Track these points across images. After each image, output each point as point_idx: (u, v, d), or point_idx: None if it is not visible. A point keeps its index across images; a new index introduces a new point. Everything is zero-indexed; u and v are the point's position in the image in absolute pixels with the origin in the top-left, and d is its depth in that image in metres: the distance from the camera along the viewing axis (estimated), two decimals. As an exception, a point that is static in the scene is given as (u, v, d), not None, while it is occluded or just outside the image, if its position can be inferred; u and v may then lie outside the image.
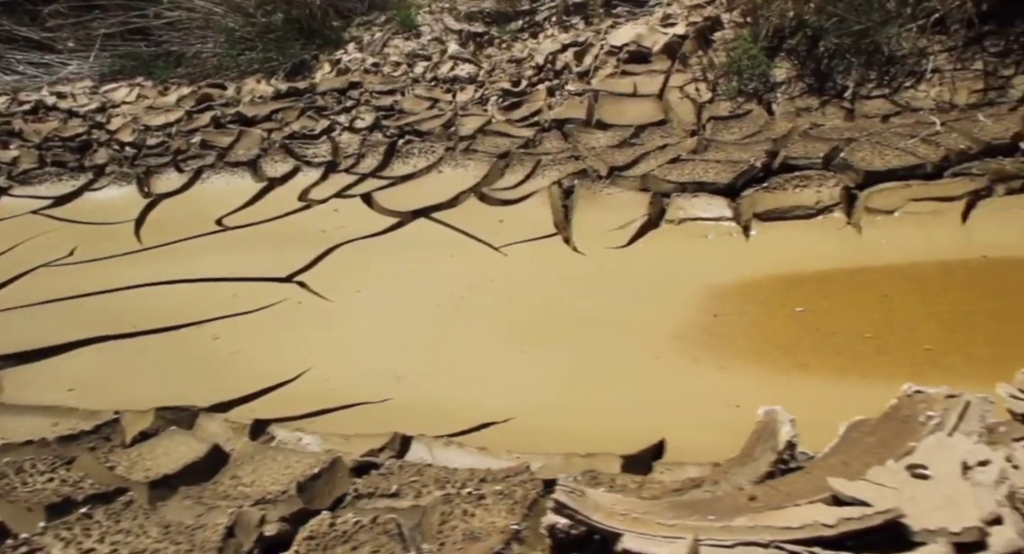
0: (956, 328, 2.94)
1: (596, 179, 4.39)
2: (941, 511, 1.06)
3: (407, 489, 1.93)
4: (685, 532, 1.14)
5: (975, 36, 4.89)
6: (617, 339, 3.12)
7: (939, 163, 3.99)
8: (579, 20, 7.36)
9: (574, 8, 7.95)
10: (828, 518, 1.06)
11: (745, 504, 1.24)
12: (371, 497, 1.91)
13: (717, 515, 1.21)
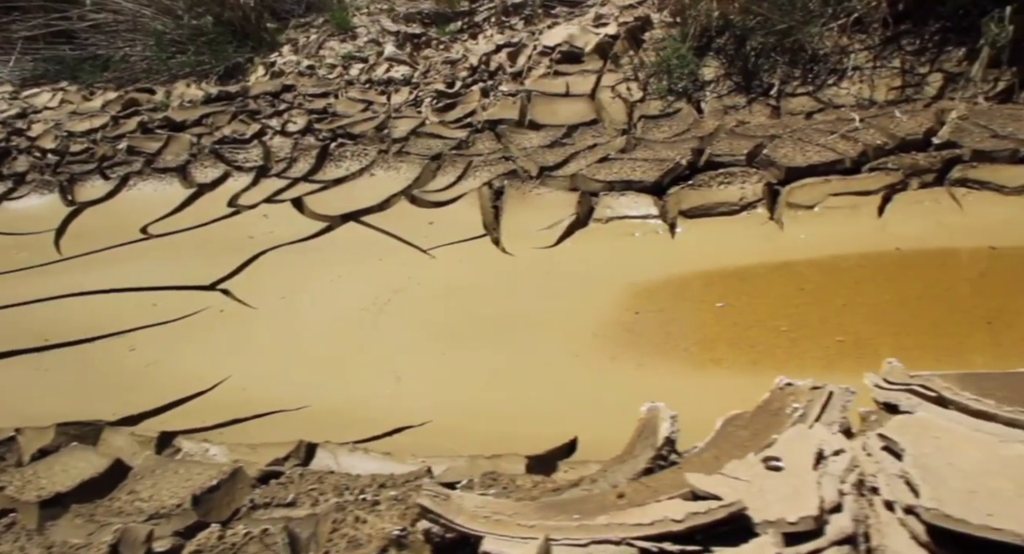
0: (867, 319, 3.01)
1: (526, 179, 4.39)
2: (786, 502, 1.07)
3: (305, 498, 1.88)
4: (543, 533, 1.13)
5: (893, 35, 5.04)
6: (539, 339, 3.12)
7: (857, 158, 4.09)
8: (518, 21, 7.38)
9: (513, 9, 7.97)
10: (677, 514, 1.07)
11: (612, 502, 1.24)
12: (267, 507, 1.86)
13: (582, 514, 1.21)
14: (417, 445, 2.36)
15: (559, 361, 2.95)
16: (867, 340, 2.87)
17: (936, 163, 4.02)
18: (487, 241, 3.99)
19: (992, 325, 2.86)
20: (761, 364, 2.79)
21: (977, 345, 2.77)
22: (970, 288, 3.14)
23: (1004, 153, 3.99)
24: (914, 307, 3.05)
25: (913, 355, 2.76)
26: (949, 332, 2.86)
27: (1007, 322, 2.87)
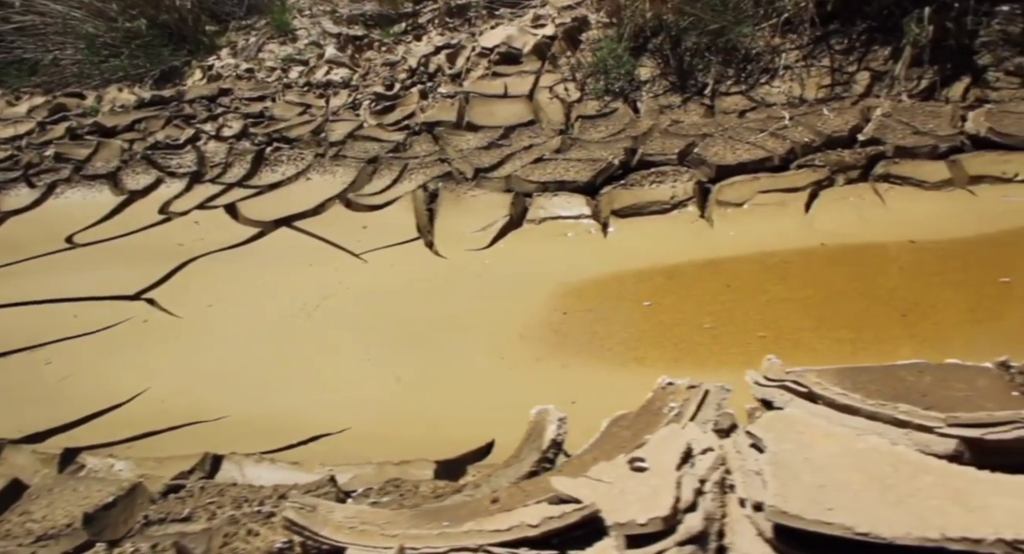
0: (790, 315, 3.05)
1: (461, 181, 4.37)
2: (642, 503, 1.07)
3: (201, 512, 1.83)
4: (406, 541, 1.10)
5: (822, 35, 5.14)
6: (465, 341, 3.10)
7: (785, 156, 4.15)
8: (462, 22, 7.35)
9: (456, 10, 7.94)
10: (534, 519, 1.05)
11: (485, 508, 1.22)
12: (162, 523, 1.80)
13: (452, 521, 1.18)
14: (331, 453, 2.32)
15: (484, 364, 2.93)
16: (788, 335, 2.91)
17: (861, 159, 4.10)
18: (420, 244, 3.95)
19: (907, 317, 2.92)
20: (683, 361, 2.81)
21: (893, 337, 2.83)
22: (889, 282, 3.20)
23: (925, 149, 4.09)
24: (836, 301, 3.11)
25: (831, 348, 2.81)
26: (867, 325, 2.92)
27: (922, 314, 2.94)
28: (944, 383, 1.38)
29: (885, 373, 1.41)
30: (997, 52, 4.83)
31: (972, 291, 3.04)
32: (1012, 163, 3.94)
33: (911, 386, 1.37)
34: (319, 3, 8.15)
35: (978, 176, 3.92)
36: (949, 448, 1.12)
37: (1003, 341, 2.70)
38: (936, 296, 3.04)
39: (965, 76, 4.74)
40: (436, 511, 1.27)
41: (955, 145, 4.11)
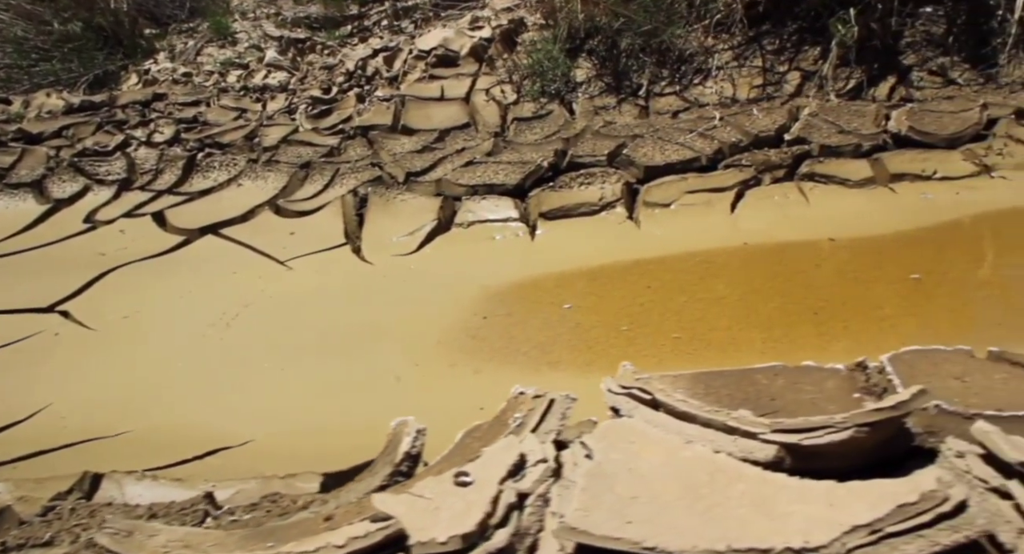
0: (705, 315, 3.05)
1: (392, 186, 4.32)
2: (453, 520, 1.04)
3: (65, 535, 1.76)
4: (220, 566, 1.06)
5: (754, 35, 5.18)
6: (382, 348, 3.05)
7: (713, 156, 4.18)
8: (408, 24, 7.30)
9: (403, 12, 7.88)
10: (340, 539, 1.02)
11: (316, 526, 1.18)
12: (20, 549, 1.73)
13: (278, 541, 1.14)
14: (225, 467, 2.26)
15: (398, 370, 2.89)
16: (701, 335, 2.91)
17: (787, 159, 4.14)
18: (347, 250, 3.90)
19: (818, 315, 2.94)
20: (595, 365, 2.79)
21: (801, 336, 2.84)
22: (805, 280, 3.23)
23: (849, 148, 4.15)
24: (751, 301, 3.12)
25: (742, 348, 2.82)
26: (779, 324, 2.93)
27: (832, 312, 2.96)
28: (795, 386, 1.37)
29: (741, 377, 1.41)
30: (921, 52, 4.92)
31: (883, 288, 3.08)
32: (931, 161, 4.01)
33: (763, 390, 1.37)
34: (262, 6, 8.04)
35: (899, 174, 3.99)
36: (770, 454, 1.11)
37: (907, 338, 2.72)
38: (847, 294, 3.07)
39: (891, 76, 4.81)
40: (269, 531, 1.22)
41: (878, 144, 4.17)
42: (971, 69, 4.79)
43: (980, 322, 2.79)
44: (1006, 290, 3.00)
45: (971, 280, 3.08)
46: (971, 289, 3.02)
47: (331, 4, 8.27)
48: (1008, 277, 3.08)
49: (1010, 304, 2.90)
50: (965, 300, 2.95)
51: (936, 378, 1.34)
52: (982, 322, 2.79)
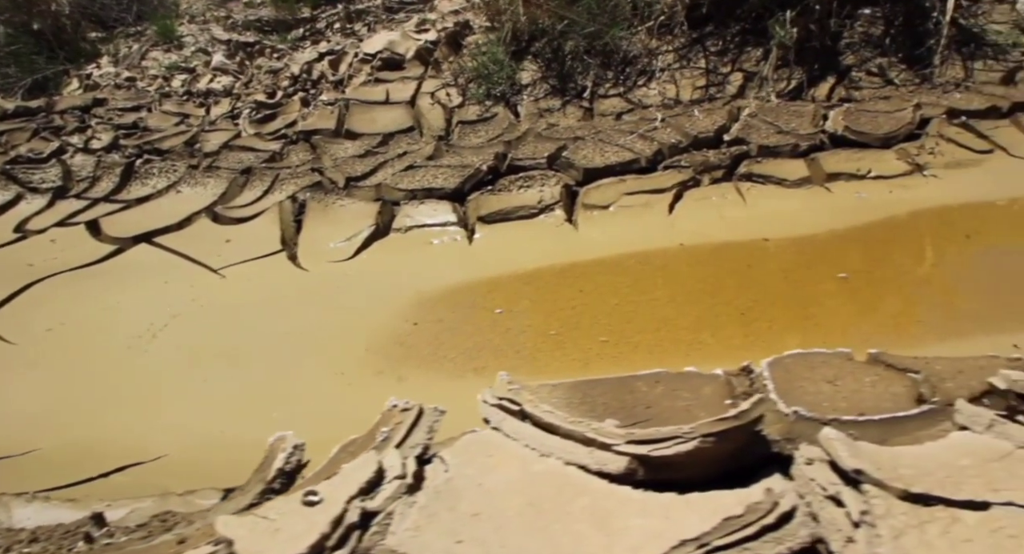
0: (635, 318, 3.04)
1: (331, 191, 4.26)
2: (291, 542, 1.00)
3: (-62, 565, 1.69)
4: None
5: (698, 37, 5.21)
6: (309, 357, 3.00)
7: (653, 157, 4.18)
8: (361, 27, 7.24)
9: (356, 15, 7.82)
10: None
11: (169, 549, 1.14)
12: None
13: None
14: (130, 484, 2.19)
15: (323, 380, 2.84)
16: (628, 338, 2.90)
17: (726, 159, 4.16)
18: (283, 257, 3.83)
19: (745, 315, 2.95)
20: (521, 370, 2.76)
21: (728, 336, 2.85)
22: (737, 281, 3.24)
23: (786, 148, 4.18)
24: (682, 302, 3.12)
25: (668, 350, 2.81)
26: (707, 325, 2.93)
27: (759, 312, 2.97)
28: (673, 393, 1.36)
29: (621, 385, 1.39)
30: (860, 53, 4.98)
31: (811, 288, 3.09)
32: (866, 160, 4.06)
33: (640, 397, 1.35)
34: (212, 9, 7.92)
35: (835, 173, 4.02)
36: (622, 466, 1.09)
37: (829, 337, 2.74)
38: (777, 293, 3.08)
39: (831, 76, 4.87)
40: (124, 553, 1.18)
41: (815, 144, 4.21)
42: (908, 69, 4.87)
43: (901, 320, 2.81)
44: (929, 287, 3.04)
45: (896, 278, 3.11)
46: (895, 287, 3.05)
47: (283, 7, 8.17)
48: (931, 275, 3.12)
49: (932, 301, 2.93)
50: (888, 298, 2.98)
51: (810, 382, 1.33)
52: (903, 319, 2.81)
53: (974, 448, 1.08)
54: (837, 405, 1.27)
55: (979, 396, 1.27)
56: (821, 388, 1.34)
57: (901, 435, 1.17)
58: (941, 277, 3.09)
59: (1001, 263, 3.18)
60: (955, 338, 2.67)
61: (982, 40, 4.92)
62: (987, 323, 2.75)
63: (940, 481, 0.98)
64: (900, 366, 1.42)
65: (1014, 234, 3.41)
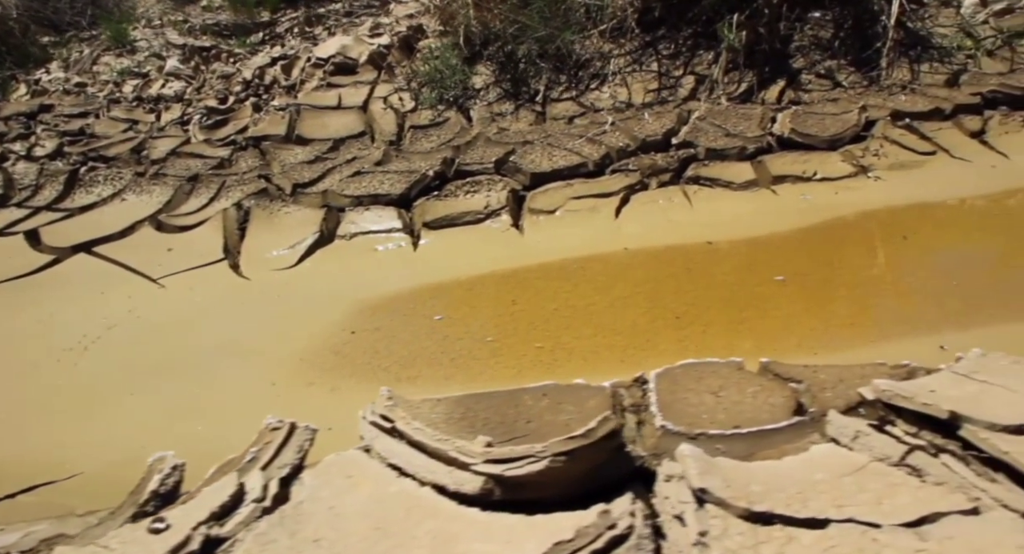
0: (572, 324, 3.02)
1: (277, 198, 4.20)
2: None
3: None
4: None
5: (651, 40, 5.22)
6: (243, 368, 2.94)
7: (601, 161, 4.17)
8: (322, 31, 7.18)
9: (316, 19, 7.76)
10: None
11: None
12: None
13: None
14: (37, 505, 2.13)
15: (253, 392, 2.78)
16: (564, 345, 2.88)
17: (673, 162, 4.16)
18: (225, 266, 3.77)
19: (680, 320, 2.94)
20: (454, 378, 2.74)
21: (663, 341, 2.84)
22: (676, 285, 3.23)
23: (733, 150, 4.19)
24: (619, 307, 3.10)
25: (602, 356, 2.79)
26: (642, 330, 2.92)
27: (694, 316, 2.96)
28: (558, 406, 1.34)
29: (507, 399, 1.36)
30: (810, 56, 5.02)
31: (747, 291, 3.10)
32: (811, 162, 4.08)
33: (524, 412, 1.32)
34: (169, 13, 7.82)
35: (781, 176, 4.04)
36: (478, 486, 1.06)
37: (762, 341, 2.74)
38: (713, 297, 3.08)
39: (781, 79, 4.89)
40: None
41: (762, 146, 4.22)
42: (856, 72, 4.91)
43: (833, 323, 2.82)
44: (864, 289, 3.05)
45: (832, 280, 3.12)
46: (831, 289, 3.06)
47: (241, 11, 8.08)
48: (867, 277, 3.13)
49: (865, 303, 2.95)
50: (823, 301, 2.98)
51: (694, 393, 1.32)
52: (835, 323, 2.82)
53: (831, 462, 1.07)
54: (716, 417, 1.25)
55: (856, 406, 1.26)
56: (704, 399, 1.32)
57: (769, 448, 1.16)
58: (877, 279, 3.11)
59: (935, 264, 3.21)
60: (884, 340, 2.68)
61: (928, 43, 4.98)
62: (917, 324, 2.77)
63: (788, 498, 0.97)
64: (785, 376, 1.41)
65: (951, 235, 3.44)
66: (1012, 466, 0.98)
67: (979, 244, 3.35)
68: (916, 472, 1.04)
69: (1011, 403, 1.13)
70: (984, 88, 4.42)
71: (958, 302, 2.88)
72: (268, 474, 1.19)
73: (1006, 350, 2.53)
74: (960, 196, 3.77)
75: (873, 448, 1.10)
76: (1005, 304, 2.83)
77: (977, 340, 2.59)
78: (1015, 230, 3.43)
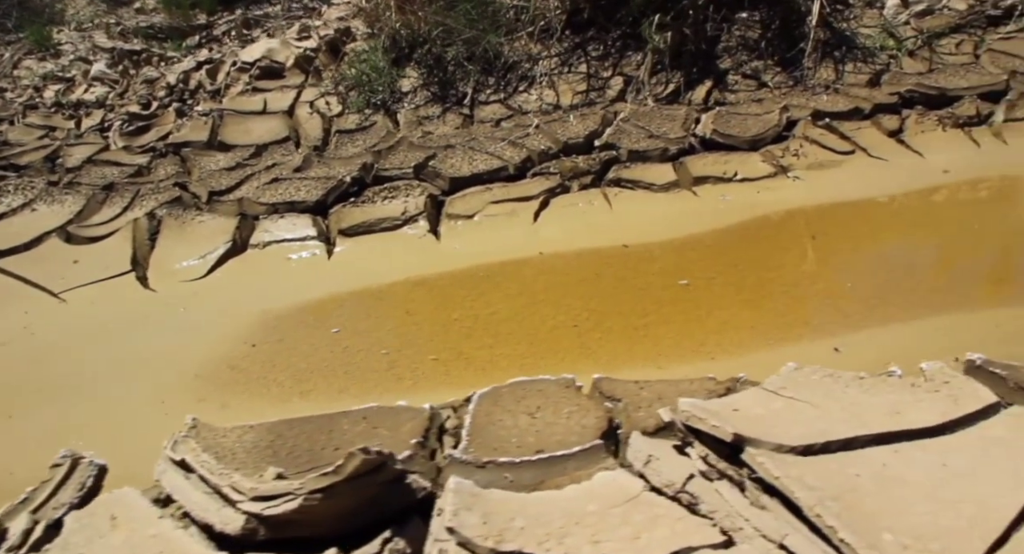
0: (471, 333, 2.97)
1: (192, 206, 4.09)
2: None
3: None
4: None
5: (580, 42, 5.19)
6: (134, 386, 2.84)
7: (522, 164, 4.13)
8: (261, 34, 7.05)
9: (254, 21, 7.62)
10: None
11: None
12: None
13: None
14: None
15: (140, 410, 2.69)
16: (464, 355, 2.83)
17: (595, 165, 4.13)
18: (132, 278, 3.65)
19: (579, 327, 2.91)
20: (348, 392, 2.67)
21: (563, 349, 2.80)
22: (583, 290, 3.20)
23: (656, 152, 4.17)
24: (523, 315, 3.06)
25: (500, 366, 2.75)
26: (542, 338, 2.88)
27: (596, 322, 2.93)
28: (373, 431, 1.28)
29: (325, 423, 1.30)
30: (737, 56, 5.03)
31: (654, 295, 3.07)
32: (732, 163, 4.08)
33: (337, 438, 1.27)
34: (101, 15, 7.63)
35: (702, 177, 4.03)
36: (239, 526, 1.01)
37: (659, 345, 2.72)
38: (618, 303, 3.05)
39: (708, 79, 4.89)
40: None
41: (684, 147, 4.21)
42: (782, 72, 4.93)
43: (732, 326, 2.80)
44: (766, 292, 3.04)
45: (738, 283, 3.11)
46: (734, 292, 3.05)
47: (176, 13, 7.91)
48: (771, 279, 3.13)
49: (765, 306, 2.94)
50: (725, 304, 2.97)
51: (511, 415, 1.27)
52: (734, 326, 2.80)
53: (608, 491, 1.03)
54: (524, 441, 1.21)
55: (665, 427, 1.23)
56: (519, 421, 1.27)
57: (560, 475, 1.12)
58: (781, 280, 3.11)
59: (841, 264, 3.22)
60: (781, 343, 2.67)
61: (853, 43, 5.02)
62: (816, 326, 2.76)
63: (547, 534, 0.93)
64: (608, 394, 1.37)
65: (859, 235, 3.46)
66: (782, 493, 0.94)
67: (886, 244, 3.38)
68: (693, 500, 1.01)
69: (809, 421, 1.10)
70: (902, 87, 4.47)
71: (857, 303, 2.88)
72: (39, 516, 1.12)
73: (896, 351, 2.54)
74: (874, 196, 3.79)
75: (661, 473, 1.06)
76: (903, 304, 2.84)
77: (870, 341, 2.60)
78: (922, 229, 3.46)
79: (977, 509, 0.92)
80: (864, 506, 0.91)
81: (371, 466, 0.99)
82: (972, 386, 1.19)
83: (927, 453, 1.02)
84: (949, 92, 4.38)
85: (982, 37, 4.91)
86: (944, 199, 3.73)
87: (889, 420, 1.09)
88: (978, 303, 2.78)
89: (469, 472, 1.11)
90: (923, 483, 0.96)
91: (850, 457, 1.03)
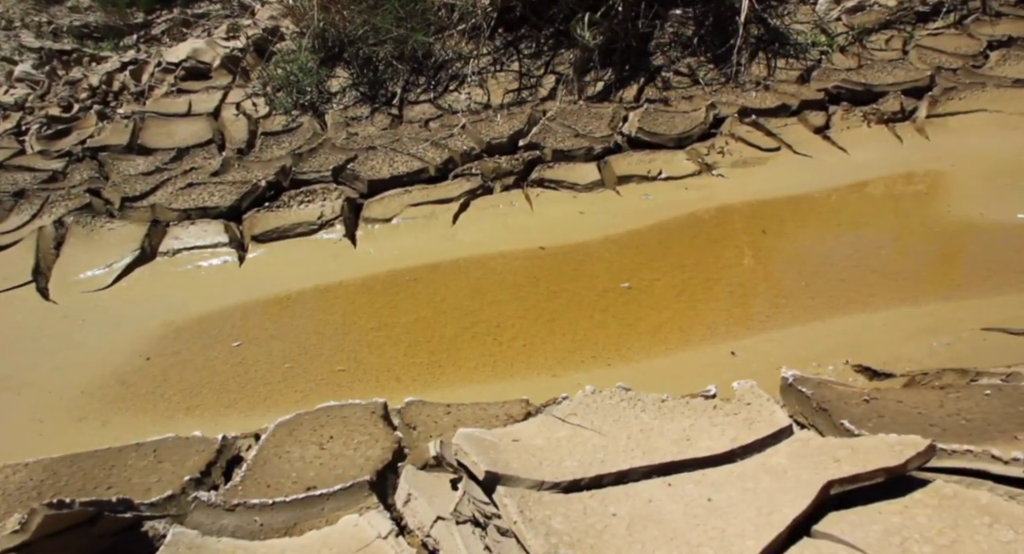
0: (382, 343, 2.89)
1: (103, 213, 3.95)
2: None
3: None
4: None
5: (512, 40, 5.11)
6: (14, 403, 2.72)
7: (443, 166, 4.05)
8: (202, 33, 6.88)
9: (194, 19, 7.44)
10: None
11: None
12: None
13: None
14: None
15: (16, 431, 2.57)
16: (367, 367, 2.75)
17: (518, 165, 4.06)
18: (31, 289, 3.51)
19: (498, 337, 2.83)
20: (236, 407, 2.58)
21: (475, 357, 2.73)
22: (497, 295, 3.13)
23: (581, 151, 4.11)
24: (436, 324, 2.98)
25: (403, 379, 2.66)
26: (457, 346, 2.81)
27: (513, 330, 2.87)
28: (158, 466, 1.20)
29: (107, 458, 1.22)
30: (670, 53, 4.98)
31: (561, 299, 3.01)
32: (656, 161, 4.03)
33: (114, 475, 1.18)
34: (31, 14, 7.41)
35: (626, 176, 3.98)
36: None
37: (560, 354, 2.65)
38: (527, 307, 2.98)
39: (640, 77, 4.84)
40: None
41: (609, 146, 4.15)
42: (715, 69, 4.89)
43: (635, 331, 2.75)
44: (670, 295, 2.99)
45: (647, 288, 3.06)
46: (638, 295, 3.00)
47: (112, 11, 7.71)
48: (676, 282, 3.08)
49: (667, 310, 2.89)
50: (630, 308, 2.91)
51: (302, 445, 1.19)
52: (638, 330, 2.75)
53: (342, 539, 0.95)
54: (303, 475, 1.13)
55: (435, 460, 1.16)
56: (306, 453, 1.20)
57: (316, 517, 1.04)
58: (686, 282, 3.06)
59: (751, 266, 3.18)
60: (681, 348, 2.62)
61: (786, 39, 5.00)
62: (716, 329, 2.72)
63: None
64: (409, 420, 1.30)
65: (777, 234, 3.43)
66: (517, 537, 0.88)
67: (800, 243, 3.35)
68: (436, 545, 0.94)
69: (589, 452, 1.03)
70: (830, 84, 4.45)
71: (762, 304, 2.84)
72: None
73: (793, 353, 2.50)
74: (795, 193, 3.77)
75: (416, 514, 0.99)
76: (809, 306, 2.81)
77: (767, 345, 2.56)
78: (839, 228, 3.44)
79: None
80: (602, 553, 0.85)
81: (68, 522, 0.90)
82: (770, 409, 1.13)
83: (699, 486, 0.96)
84: (875, 88, 4.38)
85: (911, 33, 4.91)
86: (864, 196, 3.71)
87: (675, 448, 1.03)
88: (882, 303, 2.75)
89: (216, 516, 1.03)
90: (676, 523, 0.90)
91: (616, 493, 0.96)
